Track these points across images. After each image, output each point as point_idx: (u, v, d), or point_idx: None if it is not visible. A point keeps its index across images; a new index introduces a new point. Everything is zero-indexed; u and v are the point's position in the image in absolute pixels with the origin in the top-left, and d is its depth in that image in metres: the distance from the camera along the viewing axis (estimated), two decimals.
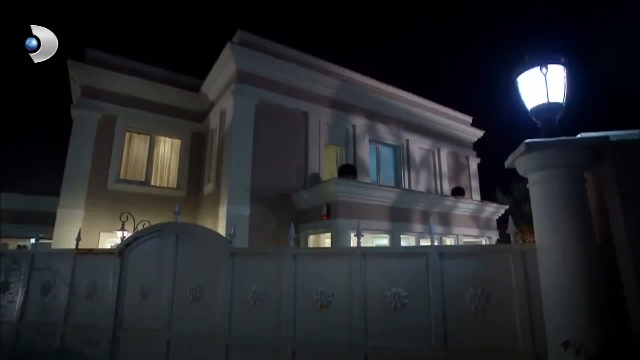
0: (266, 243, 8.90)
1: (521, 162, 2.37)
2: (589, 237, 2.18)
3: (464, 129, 14.21)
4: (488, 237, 11.44)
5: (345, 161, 10.98)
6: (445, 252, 3.11)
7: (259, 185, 9.05)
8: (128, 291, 3.97)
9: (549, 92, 2.21)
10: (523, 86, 2.38)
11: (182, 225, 4.30)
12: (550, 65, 2.20)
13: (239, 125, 9.06)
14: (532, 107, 2.35)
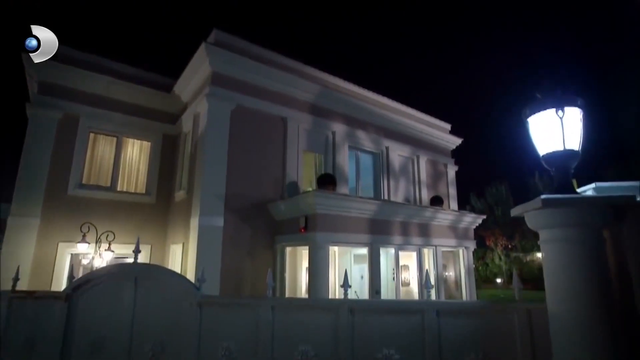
0: (241, 256, 8.48)
1: (533, 217, 2.14)
2: (609, 304, 1.96)
3: (442, 137, 14.22)
4: (465, 247, 11.47)
5: (325, 168, 10.69)
6: (443, 310, 2.82)
7: (234, 195, 8.61)
8: (75, 345, 3.34)
9: (565, 138, 1.98)
10: (535, 129, 2.14)
11: (143, 267, 3.81)
12: (567, 108, 1.97)
13: (213, 131, 8.56)
14: (546, 153, 2.11)
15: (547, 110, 2.02)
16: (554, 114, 1.99)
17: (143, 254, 10.08)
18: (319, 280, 7.68)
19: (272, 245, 9.03)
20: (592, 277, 1.90)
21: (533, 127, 2.17)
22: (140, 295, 3.36)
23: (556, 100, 1.99)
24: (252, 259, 8.69)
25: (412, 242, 9.88)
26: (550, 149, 2.07)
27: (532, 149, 2.15)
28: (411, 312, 2.83)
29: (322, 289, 7.67)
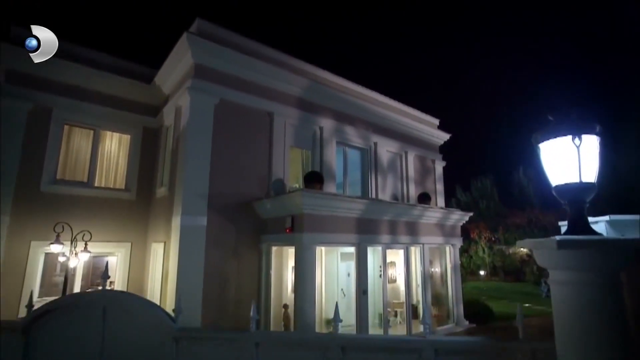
0: (225, 257, 8.22)
1: (545, 256, 1.95)
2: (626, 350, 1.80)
3: (431, 132, 14.11)
4: (452, 245, 11.47)
5: (312, 165, 10.44)
6: (441, 348, 2.64)
7: (218, 193, 8.29)
8: None
9: (581, 169, 1.80)
10: (547, 156, 1.94)
11: (112, 295, 3.42)
12: (584, 136, 1.78)
13: (195, 127, 8.18)
14: (559, 184, 1.91)
15: (562, 137, 1.83)
16: (569, 142, 1.80)
17: (123, 252, 9.74)
18: (306, 282, 7.51)
19: (257, 244, 8.79)
20: (609, 322, 1.74)
21: (545, 155, 1.97)
22: (109, 328, 3.04)
23: (573, 126, 1.78)
24: (237, 260, 8.45)
25: (400, 241, 9.78)
26: (564, 181, 1.88)
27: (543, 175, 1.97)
28: (407, 351, 2.65)
29: (308, 292, 7.50)
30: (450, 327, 10.76)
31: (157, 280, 8.67)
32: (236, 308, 8.24)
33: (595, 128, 1.82)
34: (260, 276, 8.67)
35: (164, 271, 8.29)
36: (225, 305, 8.10)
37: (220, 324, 7.91)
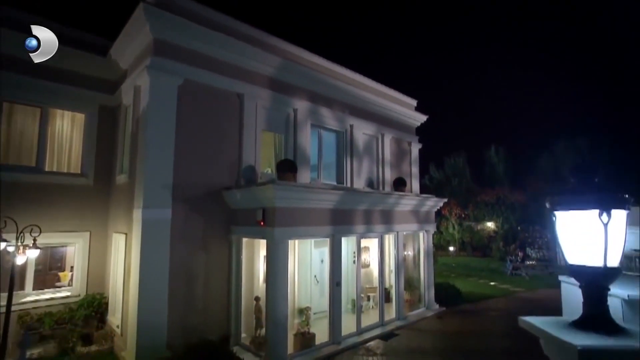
0: (193, 250, 7.78)
1: (556, 354, 1.69)
2: None
3: (408, 114, 13.78)
4: (426, 231, 11.49)
5: (285, 149, 9.94)
6: None
7: (183, 182, 7.72)
8: None
9: (607, 252, 1.49)
10: (565, 227, 1.61)
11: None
12: (614, 211, 1.46)
13: (157, 110, 7.44)
14: (577, 264, 1.60)
15: (588, 210, 1.51)
16: (595, 217, 1.49)
17: (81, 242, 9.10)
18: (278, 277, 7.23)
19: (227, 235, 8.38)
20: None
21: (561, 225, 1.64)
22: None
23: (602, 200, 1.46)
24: (206, 252, 8.03)
25: (375, 230, 9.64)
26: (584, 262, 1.58)
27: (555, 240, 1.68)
28: None
29: (280, 287, 7.24)
30: (421, 311, 10.97)
31: (120, 274, 8.15)
32: (205, 304, 7.92)
33: (626, 202, 1.51)
34: (230, 269, 8.33)
35: (126, 265, 7.77)
36: (194, 302, 7.75)
37: (189, 322, 7.60)
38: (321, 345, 8.07)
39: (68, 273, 9.15)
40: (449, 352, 7.98)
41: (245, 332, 8.47)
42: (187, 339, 7.52)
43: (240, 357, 7.53)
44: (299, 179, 9.59)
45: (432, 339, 8.83)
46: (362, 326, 9.09)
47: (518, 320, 1.88)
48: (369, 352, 7.97)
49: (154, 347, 6.92)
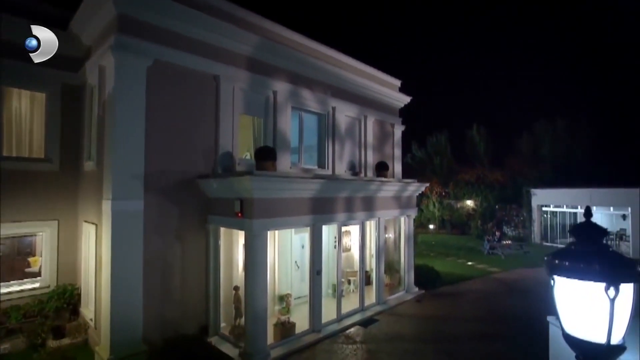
0: (168, 242, 7.48)
1: None
2: None
3: (392, 95, 13.45)
4: (408, 215, 11.48)
5: (264, 133, 9.55)
6: None
7: (156, 171, 7.31)
8: None
9: (612, 328, 1.32)
10: (564, 295, 1.43)
11: None
12: (622, 285, 1.28)
13: (124, 94, 6.89)
14: (577, 338, 1.42)
15: (592, 282, 1.32)
16: (601, 291, 1.30)
17: (49, 231, 8.65)
18: (257, 269, 7.07)
19: (204, 225, 8.09)
20: None
21: (561, 291, 1.45)
22: None
23: (609, 272, 1.27)
24: (182, 243, 7.75)
25: (356, 217, 9.54)
26: (585, 336, 1.40)
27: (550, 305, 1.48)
28: None
29: (260, 279, 7.10)
30: (401, 295, 11.12)
31: (92, 265, 7.80)
32: (183, 295, 7.72)
33: (634, 274, 1.32)
34: (208, 259, 8.11)
35: (97, 257, 7.42)
36: (171, 293, 7.54)
37: (166, 314, 7.42)
38: (301, 334, 8.07)
39: (39, 258, 8.73)
40: (426, 337, 8.13)
41: (225, 321, 8.37)
42: (164, 331, 7.39)
43: (220, 348, 7.48)
44: (279, 164, 9.30)
45: (410, 324, 8.97)
46: (342, 312, 9.14)
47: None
48: (348, 340, 8.03)
49: (129, 341, 6.74)
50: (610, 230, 21.57)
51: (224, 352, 7.30)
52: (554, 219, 22.19)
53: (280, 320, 7.92)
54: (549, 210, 22.30)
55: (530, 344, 7.72)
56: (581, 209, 21.13)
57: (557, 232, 22.09)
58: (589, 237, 1.44)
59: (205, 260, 8.11)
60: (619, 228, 20.99)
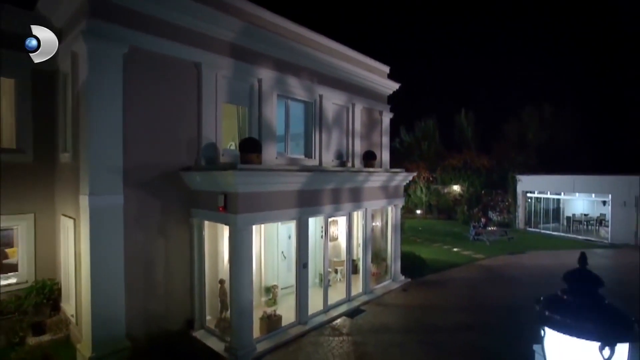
0: (150, 236, 7.29)
1: None
2: None
3: (380, 82, 13.20)
4: (395, 205, 11.46)
5: (249, 123, 9.27)
6: None
7: (136, 164, 7.04)
8: None
9: None
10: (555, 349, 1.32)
11: None
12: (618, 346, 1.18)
13: (98, 84, 6.53)
14: None
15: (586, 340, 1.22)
16: (595, 349, 1.20)
17: (25, 225, 8.35)
18: (242, 265, 6.95)
19: (187, 218, 7.90)
20: None
21: (551, 344, 1.35)
22: None
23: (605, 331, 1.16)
24: (165, 237, 7.56)
25: (343, 208, 9.46)
26: None
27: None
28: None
29: (244, 274, 6.99)
30: (387, 284, 11.22)
31: (71, 260, 7.57)
32: (167, 289, 7.59)
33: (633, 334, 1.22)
34: (192, 252, 7.96)
35: (77, 252, 7.20)
36: (154, 288, 7.40)
37: (150, 309, 7.29)
38: (288, 326, 8.07)
39: (17, 248, 8.45)
40: (412, 328, 8.22)
41: (211, 314, 8.31)
42: (149, 327, 7.28)
43: (205, 343, 7.44)
44: (264, 154, 9.10)
45: (396, 314, 9.06)
46: (329, 303, 9.16)
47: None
48: (334, 332, 8.07)
49: (112, 337, 6.62)
50: (591, 215, 22.17)
51: (209, 346, 7.26)
52: (537, 204, 22.60)
53: (267, 314, 7.89)
54: (533, 197, 22.67)
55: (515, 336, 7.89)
56: (565, 195, 21.60)
57: (540, 218, 22.54)
58: (584, 287, 1.34)
59: (189, 254, 7.96)
60: (599, 213, 21.55)
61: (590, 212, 22.28)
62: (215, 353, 7.03)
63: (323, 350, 7.26)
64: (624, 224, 18.16)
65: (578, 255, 1.52)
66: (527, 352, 7.08)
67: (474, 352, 7.19)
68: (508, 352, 7.21)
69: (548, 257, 15.38)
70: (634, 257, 15.66)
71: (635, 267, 13.92)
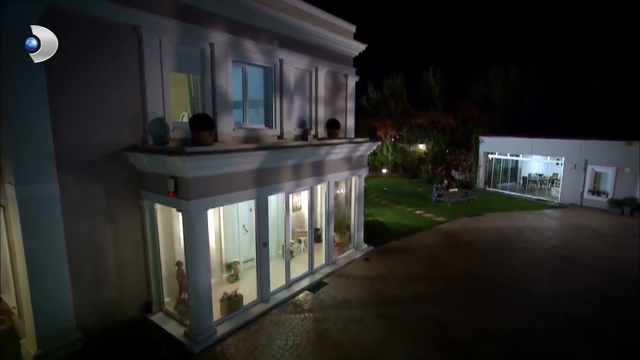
0: (95, 224, 6.75)
1: None
2: None
3: (346, 43, 12.40)
4: (359, 175, 11.32)
5: (202, 92, 8.49)
6: None
7: (71, 147, 6.30)
8: None
9: None
10: None
11: None
12: None
13: (13, 55, 5.54)
14: None
15: None
16: None
17: None
18: (197, 252, 6.67)
19: (137, 200, 7.36)
20: None
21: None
22: None
23: None
24: (113, 223, 7.05)
25: (305, 183, 9.20)
26: None
27: None
28: None
29: (201, 261, 6.74)
30: (350, 253, 11.39)
31: (6, 252, 6.94)
32: (120, 275, 7.23)
33: None
34: (145, 236, 7.54)
35: (10, 243, 6.58)
36: (105, 275, 7.02)
37: (103, 297, 6.96)
38: (250, 305, 8.05)
39: None
40: (370, 301, 8.46)
41: (170, 295, 8.13)
42: (102, 315, 7.00)
43: (164, 328, 7.29)
44: (220, 127, 8.55)
45: (356, 287, 9.25)
46: (291, 277, 9.20)
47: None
48: (296, 309, 8.15)
49: (60, 330, 6.28)
50: (545, 175, 23.34)
51: (168, 332, 7.14)
52: (497, 165, 23.39)
53: (227, 295, 7.78)
54: (494, 158, 23.37)
55: (466, 305, 8.34)
56: (522, 157, 22.44)
57: (499, 178, 23.47)
58: None
59: (142, 237, 7.54)
60: (552, 173, 22.71)
61: (545, 172, 23.43)
62: (174, 339, 6.93)
63: (284, 329, 7.34)
64: (573, 185, 19.26)
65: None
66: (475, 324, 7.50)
67: (428, 323, 7.53)
68: (460, 321, 7.63)
69: (503, 219, 16.19)
70: (577, 218, 16.83)
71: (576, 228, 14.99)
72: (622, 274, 10.22)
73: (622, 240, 13.28)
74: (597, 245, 12.71)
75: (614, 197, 17.66)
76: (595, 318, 7.83)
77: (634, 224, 15.50)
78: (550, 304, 8.44)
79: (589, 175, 18.69)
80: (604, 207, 17.88)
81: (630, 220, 16.28)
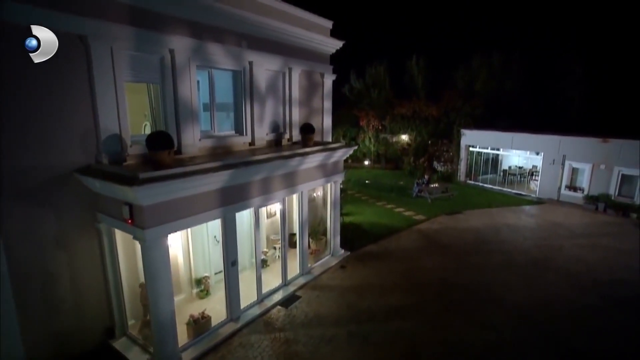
0: (44, 252, 6.29)
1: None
2: None
3: (321, 40, 11.84)
4: (334, 182, 11.03)
5: (163, 102, 7.94)
6: None
7: (11, 172, 5.79)
8: None
9: None
10: None
11: None
12: None
13: None
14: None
15: None
16: None
17: None
18: (158, 281, 6.32)
19: (94, 223, 6.92)
20: None
21: None
22: None
23: None
24: (66, 248, 6.63)
25: (276, 196, 8.87)
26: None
27: None
28: None
29: (163, 289, 6.40)
30: (326, 260, 11.21)
31: None
32: (77, 302, 6.86)
33: None
34: (104, 260, 7.13)
35: None
36: (59, 303, 6.63)
37: (57, 325, 6.59)
38: (219, 325, 7.81)
39: None
40: (344, 318, 8.30)
41: (134, 317, 7.82)
42: (57, 345, 6.65)
43: (126, 355, 7.00)
44: (184, 138, 8.10)
45: (330, 300, 9.08)
46: (263, 292, 8.97)
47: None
48: (267, 327, 7.96)
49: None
50: (525, 167, 23.48)
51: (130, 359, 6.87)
52: (478, 157, 23.37)
53: (194, 318, 7.49)
54: (475, 151, 23.32)
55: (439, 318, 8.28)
56: (503, 151, 22.44)
57: (480, 170, 23.50)
58: None
59: (101, 260, 7.14)
60: (531, 165, 22.85)
61: (525, 164, 23.57)
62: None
63: (253, 353, 7.15)
64: (551, 180, 19.42)
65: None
66: (448, 339, 7.42)
67: (400, 341, 7.44)
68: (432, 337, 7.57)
69: (482, 217, 16.22)
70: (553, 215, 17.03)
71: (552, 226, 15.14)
72: (592, 280, 10.32)
73: (596, 240, 13.49)
74: (570, 246, 12.86)
75: (589, 194, 17.89)
76: (565, 329, 7.92)
77: (605, 221, 15.78)
78: (522, 315, 8.47)
79: (567, 171, 18.85)
80: (580, 202, 18.11)
81: (602, 217, 16.55)
